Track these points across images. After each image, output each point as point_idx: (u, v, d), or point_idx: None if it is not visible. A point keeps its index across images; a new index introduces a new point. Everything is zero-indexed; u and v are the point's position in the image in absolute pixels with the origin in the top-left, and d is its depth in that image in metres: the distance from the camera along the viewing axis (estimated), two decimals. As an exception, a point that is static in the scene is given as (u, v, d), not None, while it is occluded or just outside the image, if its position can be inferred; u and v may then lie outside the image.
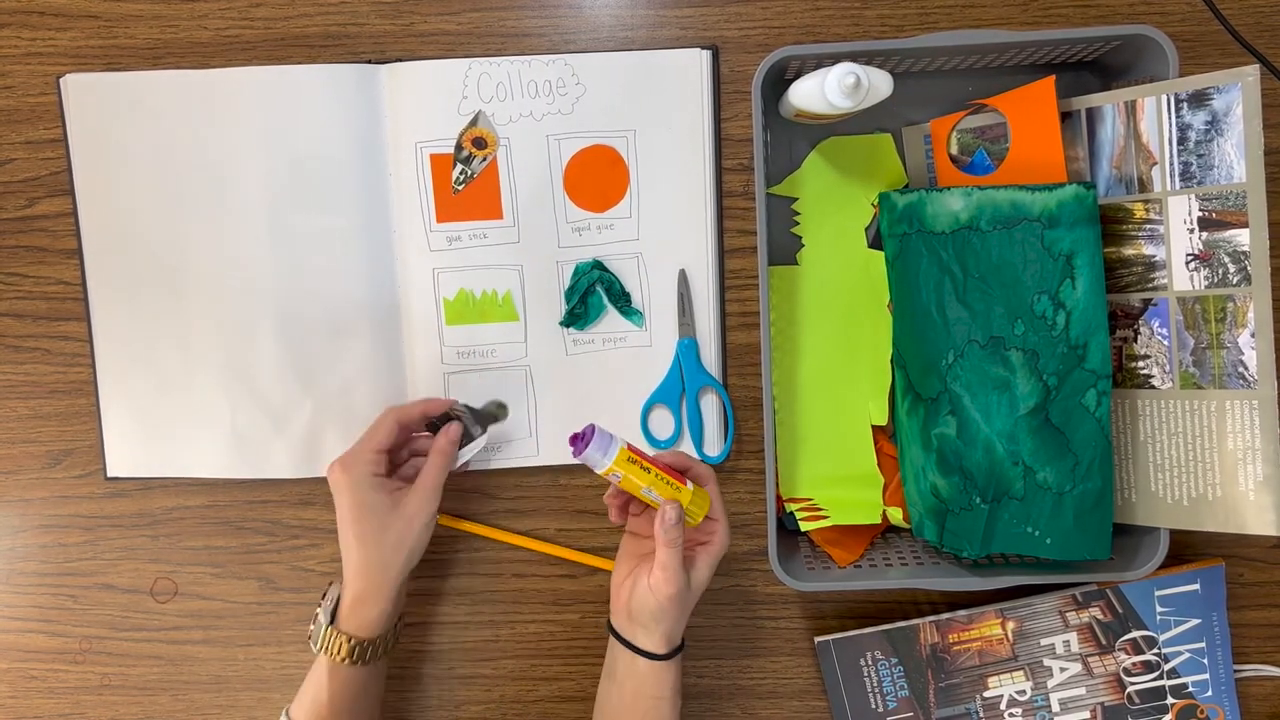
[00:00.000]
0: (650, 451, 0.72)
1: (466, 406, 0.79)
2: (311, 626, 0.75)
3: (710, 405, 0.82)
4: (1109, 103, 0.73)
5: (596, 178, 0.81)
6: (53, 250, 0.85)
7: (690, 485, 0.71)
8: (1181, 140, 0.70)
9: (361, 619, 0.73)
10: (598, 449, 0.69)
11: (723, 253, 0.82)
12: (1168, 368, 0.73)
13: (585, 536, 0.85)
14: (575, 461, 0.69)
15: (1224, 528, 0.71)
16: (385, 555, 0.73)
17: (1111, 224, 0.74)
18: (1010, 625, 0.80)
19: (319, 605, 0.76)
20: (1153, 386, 0.74)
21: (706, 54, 0.80)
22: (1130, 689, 0.80)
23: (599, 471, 0.70)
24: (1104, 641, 0.79)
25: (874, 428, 0.81)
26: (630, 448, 0.70)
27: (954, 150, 0.77)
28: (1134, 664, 0.80)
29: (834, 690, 0.81)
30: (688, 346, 0.81)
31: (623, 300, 0.81)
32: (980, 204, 0.73)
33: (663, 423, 0.83)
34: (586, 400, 0.82)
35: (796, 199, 0.81)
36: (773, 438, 0.77)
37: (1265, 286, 0.69)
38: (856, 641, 0.80)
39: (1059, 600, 0.79)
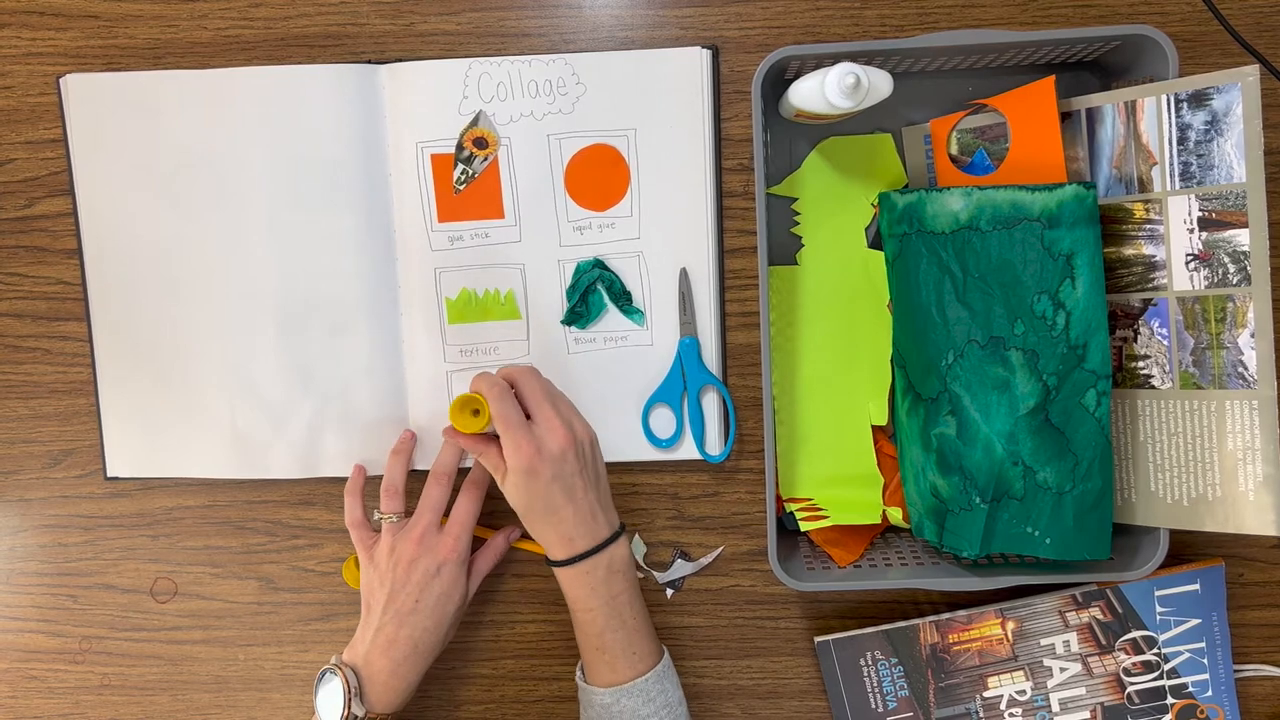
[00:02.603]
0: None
1: None
2: None
3: (712, 404, 0.82)
4: (1109, 103, 0.73)
5: (597, 177, 0.81)
6: (53, 250, 0.85)
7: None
8: (1181, 140, 0.70)
9: (395, 692, 0.74)
10: None
11: (723, 252, 0.82)
12: (1167, 368, 0.73)
13: (585, 536, 0.85)
14: None
15: (1224, 528, 0.71)
16: (448, 635, 0.78)
17: (1111, 224, 0.74)
18: (1010, 625, 0.80)
19: (319, 695, 0.74)
20: (1152, 387, 0.74)
21: (707, 54, 0.80)
22: (1130, 689, 0.80)
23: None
24: (1104, 641, 0.79)
25: (874, 428, 0.81)
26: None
27: (954, 150, 0.77)
28: (1134, 664, 0.80)
29: (834, 690, 0.81)
30: (689, 345, 0.81)
31: (624, 299, 0.81)
32: (980, 204, 0.73)
33: (664, 421, 0.83)
34: (588, 398, 0.82)
35: (796, 199, 0.81)
36: (773, 438, 0.77)
37: (1265, 286, 0.69)
38: (856, 641, 0.80)
39: (1059, 600, 0.79)
